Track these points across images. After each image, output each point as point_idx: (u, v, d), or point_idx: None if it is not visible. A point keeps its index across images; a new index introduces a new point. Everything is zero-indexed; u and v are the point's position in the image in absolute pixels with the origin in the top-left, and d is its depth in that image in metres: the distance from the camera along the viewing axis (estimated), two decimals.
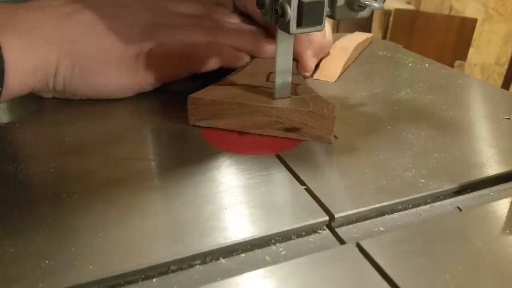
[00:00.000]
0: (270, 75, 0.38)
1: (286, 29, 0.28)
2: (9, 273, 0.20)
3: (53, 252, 0.21)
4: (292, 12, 0.27)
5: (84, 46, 0.34)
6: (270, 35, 0.44)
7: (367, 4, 0.28)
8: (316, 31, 0.28)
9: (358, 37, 0.56)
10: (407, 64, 0.52)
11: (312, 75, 0.45)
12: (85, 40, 0.34)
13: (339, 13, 0.29)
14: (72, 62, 0.34)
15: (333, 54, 0.49)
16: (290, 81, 0.33)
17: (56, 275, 0.20)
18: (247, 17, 0.46)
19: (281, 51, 0.32)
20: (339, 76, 0.45)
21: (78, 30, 0.34)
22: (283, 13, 0.27)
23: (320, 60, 0.47)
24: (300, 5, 0.27)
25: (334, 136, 0.32)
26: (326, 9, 0.28)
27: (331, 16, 0.29)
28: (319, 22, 0.28)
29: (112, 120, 0.35)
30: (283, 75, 0.33)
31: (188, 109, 0.33)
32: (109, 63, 0.35)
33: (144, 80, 0.37)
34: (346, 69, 0.48)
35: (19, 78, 0.31)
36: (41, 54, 0.32)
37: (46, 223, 0.23)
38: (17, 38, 0.31)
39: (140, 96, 0.39)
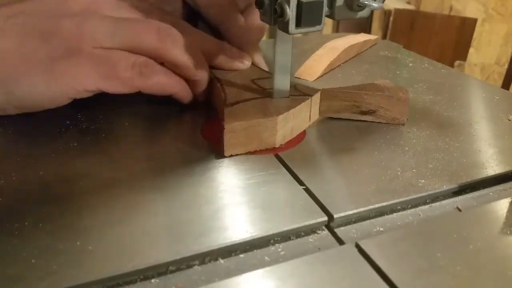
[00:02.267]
0: (257, 83, 0.36)
1: (285, 29, 0.28)
2: (9, 273, 0.20)
3: (52, 252, 0.21)
4: (291, 12, 0.27)
5: (1, 50, 0.29)
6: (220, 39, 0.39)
7: (366, 4, 0.28)
8: (315, 31, 0.28)
9: (353, 39, 0.55)
10: (407, 64, 0.52)
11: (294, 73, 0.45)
12: (1, 43, 0.29)
13: (338, 13, 0.29)
14: None
15: (320, 54, 0.49)
16: (289, 81, 0.33)
17: (55, 275, 0.20)
18: (197, 15, 0.42)
19: (280, 51, 0.32)
20: (321, 76, 0.45)
21: None
22: (282, 13, 0.27)
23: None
24: (299, 5, 0.27)
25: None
26: (325, 9, 0.28)
27: (330, 16, 0.29)
28: (318, 22, 0.28)
29: (111, 121, 0.35)
30: (282, 74, 0.33)
31: (227, 138, 0.29)
32: (33, 69, 0.29)
33: (79, 86, 0.30)
34: (333, 69, 0.48)
35: None
36: None
37: (46, 223, 0.23)
38: None
39: (138, 97, 0.39)
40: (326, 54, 0.48)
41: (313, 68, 0.46)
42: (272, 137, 0.30)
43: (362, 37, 0.57)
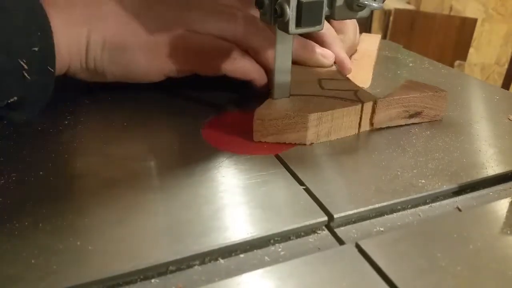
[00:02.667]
0: (321, 82, 0.37)
1: (285, 29, 0.28)
2: (9, 273, 0.20)
3: (52, 252, 0.21)
4: (291, 12, 0.27)
5: (114, 24, 0.34)
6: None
7: (366, 4, 0.28)
8: (315, 31, 0.28)
9: (374, 40, 0.55)
10: (407, 64, 0.52)
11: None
12: (116, 19, 0.34)
13: (338, 13, 0.29)
14: (102, 39, 0.34)
15: (358, 58, 0.48)
16: (290, 81, 0.33)
17: (55, 275, 0.20)
18: None
19: (280, 51, 0.32)
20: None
21: (110, 9, 0.34)
22: (282, 13, 0.27)
23: None
24: (299, 5, 0.27)
25: None
26: (325, 9, 0.28)
27: (330, 16, 0.29)
28: (318, 22, 0.28)
29: (111, 121, 0.35)
30: (282, 75, 0.33)
31: (256, 124, 0.31)
32: (138, 44, 0.34)
33: (175, 65, 0.36)
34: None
35: (57, 57, 0.31)
36: (75, 31, 0.33)
37: (46, 223, 0.23)
38: (54, 15, 0.31)
39: (138, 95, 0.39)
40: (363, 59, 0.48)
41: (362, 75, 0.45)
42: (302, 133, 0.31)
43: (375, 38, 0.56)
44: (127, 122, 0.35)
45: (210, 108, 0.37)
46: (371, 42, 0.54)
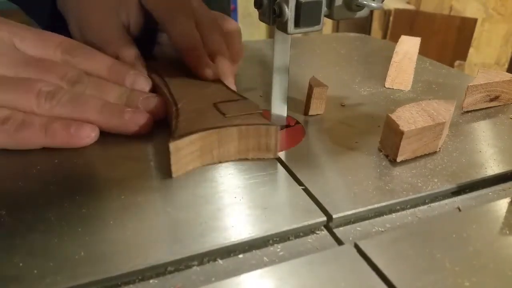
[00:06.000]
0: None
1: (284, 29, 0.28)
2: (9, 273, 0.20)
3: (51, 252, 0.21)
4: (289, 12, 0.27)
5: None
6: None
7: (365, 4, 0.28)
8: (314, 31, 0.28)
9: (414, 43, 0.55)
10: None
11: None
12: None
13: (337, 13, 0.29)
14: None
15: (399, 61, 0.48)
16: (287, 80, 0.33)
17: (54, 276, 0.20)
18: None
19: (279, 51, 0.32)
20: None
21: None
22: (281, 13, 0.27)
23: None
24: (298, 5, 0.27)
25: None
26: (324, 9, 0.28)
27: (329, 16, 0.29)
28: (317, 22, 0.28)
29: None
30: (280, 74, 0.33)
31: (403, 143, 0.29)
32: None
33: None
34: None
35: None
36: None
37: (45, 223, 0.23)
38: None
39: None
40: (403, 61, 0.48)
41: (403, 78, 0.46)
42: (436, 141, 0.31)
43: (412, 40, 0.56)
44: None
45: None
46: (411, 45, 0.54)
